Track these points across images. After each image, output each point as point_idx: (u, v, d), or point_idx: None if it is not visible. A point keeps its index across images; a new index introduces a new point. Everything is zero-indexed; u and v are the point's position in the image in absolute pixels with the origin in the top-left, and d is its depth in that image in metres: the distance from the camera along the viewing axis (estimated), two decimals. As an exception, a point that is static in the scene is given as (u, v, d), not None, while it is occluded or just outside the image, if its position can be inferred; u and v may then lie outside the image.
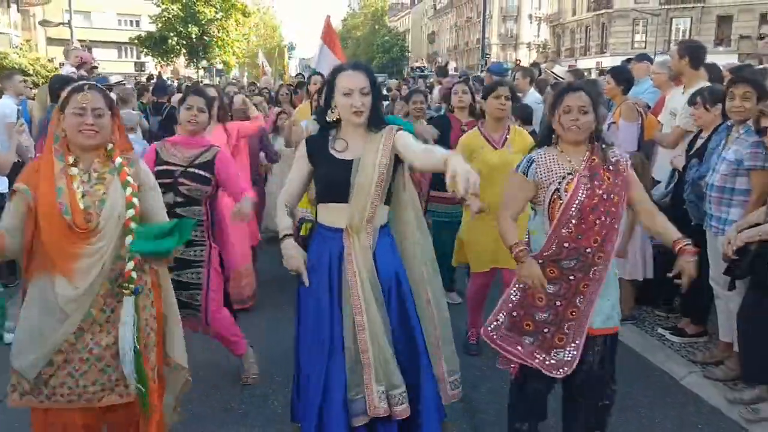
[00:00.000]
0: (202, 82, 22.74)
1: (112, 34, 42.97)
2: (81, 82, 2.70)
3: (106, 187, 2.59)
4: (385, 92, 9.12)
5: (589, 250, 2.91)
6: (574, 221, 2.89)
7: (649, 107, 5.91)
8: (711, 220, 4.11)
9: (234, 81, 13.00)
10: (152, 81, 14.11)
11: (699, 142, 4.59)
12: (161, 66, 32.47)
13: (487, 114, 4.41)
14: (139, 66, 36.73)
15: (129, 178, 2.64)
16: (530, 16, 60.67)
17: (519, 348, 3.06)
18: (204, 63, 36.03)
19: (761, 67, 4.83)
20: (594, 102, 2.96)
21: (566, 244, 2.91)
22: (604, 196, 2.89)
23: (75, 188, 2.54)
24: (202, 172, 3.75)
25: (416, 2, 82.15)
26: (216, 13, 33.08)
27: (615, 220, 2.95)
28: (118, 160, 2.65)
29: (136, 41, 34.87)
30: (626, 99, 5.57)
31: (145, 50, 34.88)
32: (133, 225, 2.59)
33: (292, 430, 3.16)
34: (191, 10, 32.70)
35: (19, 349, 2.57)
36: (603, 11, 45.23)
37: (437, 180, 5.39)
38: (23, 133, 5.62)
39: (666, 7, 42.34)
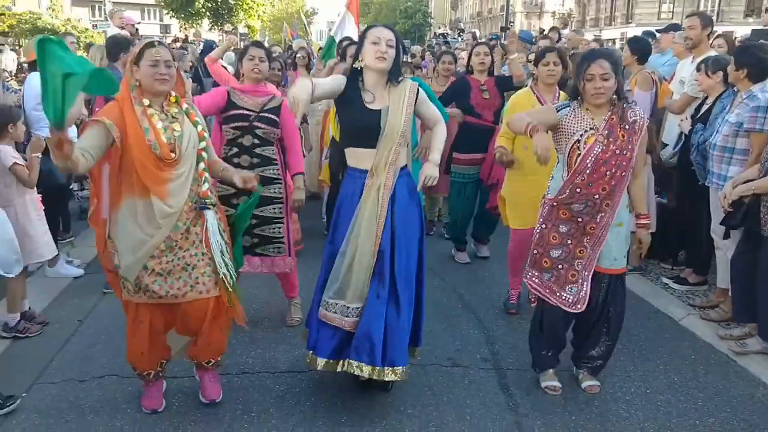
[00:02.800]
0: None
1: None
2: (151, 40, 3.23)
3: (181, 124, 3.15)
4: (408, 58, 9.39)
5: (597, 196, 3.38)
6: (587, 171, 3.35)
7: (664, 78, 6.27)
8: (713, 177, 4.55)
9: (276, 43, 13.33)
10: (178, 44, 14.41)
11: (704, 108, 5.01)
12: (185, 28, 32.77)
13: (539, 79, 4.67)
14: (164, 28, 37.15)
15: (197, 119, 3.22)
16: (555, -16, 59.97)
17: (539, 282, 3.58)
18: (228, 27, 36.28)
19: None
20: (615, 67, 3.36)
21: (578, 190, 3.38)
22: (617, 152, 3.34)
23: (157, 126, 3.06)
24: (273, 116, 4.18)
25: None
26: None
27: (625, 173, 3.40)
28: (185, 105, 3.21)
29: (162, 3, 35.18)
30: (642, 69, 5.95)
31: (170, 12, 35.19)
32: (204, 154, 3.18)
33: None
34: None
35: (120, 257, 3.12)
36: (630, -20, 44.70)
37: (459, 142, 5.72)
38: None
39: (694, -24, 41.76)
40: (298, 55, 8.51)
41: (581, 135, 3.39)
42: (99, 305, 4.88)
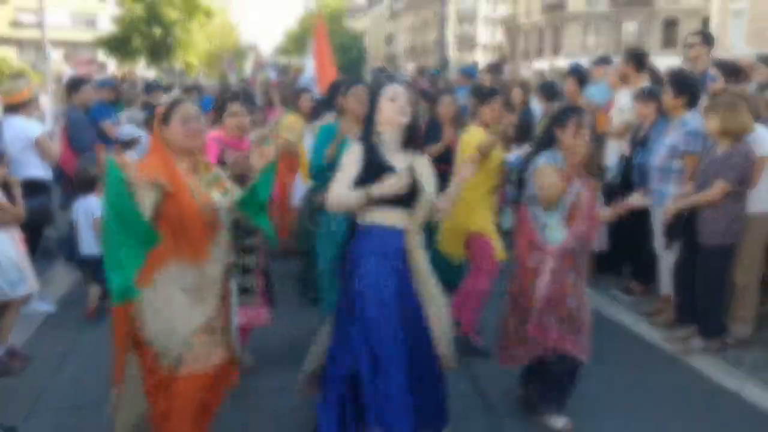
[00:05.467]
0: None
1: (64, 34, 42.58)
2: (179, 97, 3.14)
3: (218, 190, 3.03)
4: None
5: (590, 240, 3.63)
6: (586, 218, 3.51)
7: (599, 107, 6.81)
8: (654, 195, 5.03)
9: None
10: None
11: (641, 133, 5.53)
12: (124, 67, 32.58)
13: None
14: (101, 67, 36.72)
15: (228, 186, 3.09)
16: (486, 18, 62.18)
17: (561, 337, 3.54)
18: (165, 65, 36.17)
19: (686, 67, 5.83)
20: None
21: (582, 238, 3.53)
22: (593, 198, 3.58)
23: (201, 189, 2.93)
24: None
25: (373, 4, 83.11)
26: (179, 14, 33.36)
27: None
28: (215, 170, 3.12)
29: (97, 42, 34.82)
30: (581, 98, 6.50)
31: (107, 51, 34.86)
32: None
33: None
34: (154, 11, 32.93)
35: (166, 329, 2.85)
36: (556, 14, 46.78)
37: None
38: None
39: (615, 10, 44.04)
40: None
41: (579, 186, 3.52)
42: (81, 339, 4.99)
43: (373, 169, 3.14)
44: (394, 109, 3.19)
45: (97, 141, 6.90)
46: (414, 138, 3.30)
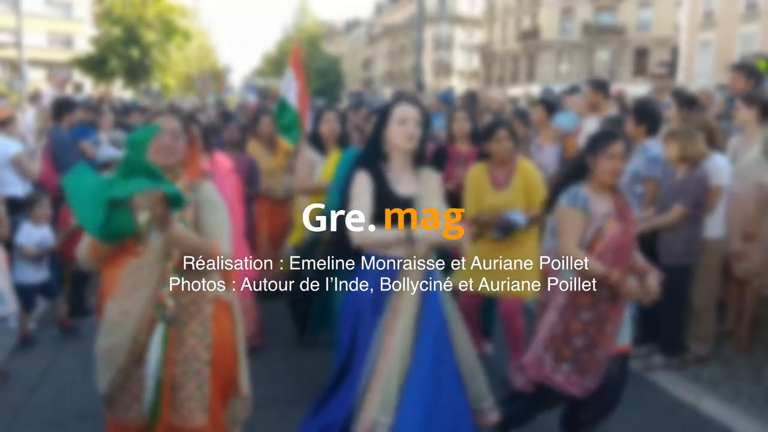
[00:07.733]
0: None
1: (41, 54, 42.40)
2: (160, 109, 3.16)
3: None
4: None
5: (619, 278, 3.14)
6: (610, 256, 3.19)
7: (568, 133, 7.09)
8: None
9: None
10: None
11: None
12: (102, 88, 32.50)
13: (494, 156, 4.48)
14: (77, 87, 36.50)
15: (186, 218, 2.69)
16: (462, 45, 63.14)
17: (559, 375, 3.29)
18: (143, 86, 36.13)
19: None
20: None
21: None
22: (632, 234, 3.30)
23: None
24: None
25: (351, 29, 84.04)
26: (157, 36, 33.43)
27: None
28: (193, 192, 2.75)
29: (74, 62, 34.71)
30: (549, 126, 6.76)
31: (83, 71, 34.74)
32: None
33: None
34: (132, 32, 32.97)
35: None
36: (530, 42, 47.74)
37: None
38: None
39: (588, 39, 45.08)
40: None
41: (601, 222, 3.25)
42: (59, 356, 5.07)
43: (384, 200, 2.96)
44: (402, 134, 2.98)
45: (79, 161, 7.02)
46: (422, 155, 3.10)
